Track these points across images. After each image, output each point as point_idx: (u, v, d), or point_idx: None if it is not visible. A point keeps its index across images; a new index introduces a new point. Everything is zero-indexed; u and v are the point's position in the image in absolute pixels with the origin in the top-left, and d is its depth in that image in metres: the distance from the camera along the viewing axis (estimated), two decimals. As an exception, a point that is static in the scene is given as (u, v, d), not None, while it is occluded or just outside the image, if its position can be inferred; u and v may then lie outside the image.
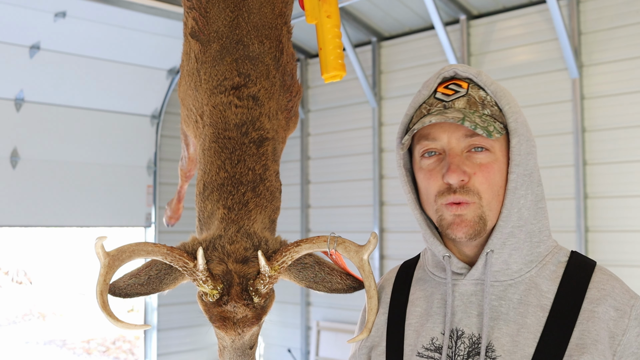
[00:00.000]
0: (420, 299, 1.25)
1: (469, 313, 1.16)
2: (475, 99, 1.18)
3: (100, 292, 1.26)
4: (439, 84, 1.23)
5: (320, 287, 1.38)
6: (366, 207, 5.34)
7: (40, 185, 5.10)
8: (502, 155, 1.17)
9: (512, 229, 1.16)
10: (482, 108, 1.17)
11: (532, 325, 1.10)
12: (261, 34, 1.74)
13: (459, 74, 1.21)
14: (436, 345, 1.17)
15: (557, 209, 4.23)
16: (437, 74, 1.23)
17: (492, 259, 1.16)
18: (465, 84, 1.20)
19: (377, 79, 5.31)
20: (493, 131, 1.13)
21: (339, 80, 2.01)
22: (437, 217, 1.19)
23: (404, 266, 1.37)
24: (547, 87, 4.35)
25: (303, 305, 5.79)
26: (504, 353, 1.09)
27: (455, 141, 1.16)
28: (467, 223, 1.15)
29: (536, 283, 1.15)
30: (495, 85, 1.20)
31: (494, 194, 1.16)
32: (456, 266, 1.20)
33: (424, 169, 1.20)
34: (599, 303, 1.10)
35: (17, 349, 9.95)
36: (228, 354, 1.41)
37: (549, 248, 1.20)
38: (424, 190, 1.22)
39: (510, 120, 1.17)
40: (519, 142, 1.16)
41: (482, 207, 1.15)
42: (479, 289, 1.17)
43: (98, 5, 4.57)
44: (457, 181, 1.13)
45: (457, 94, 1.19)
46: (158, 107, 5.80)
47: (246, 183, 1.52)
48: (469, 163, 1.15)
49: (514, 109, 1.18)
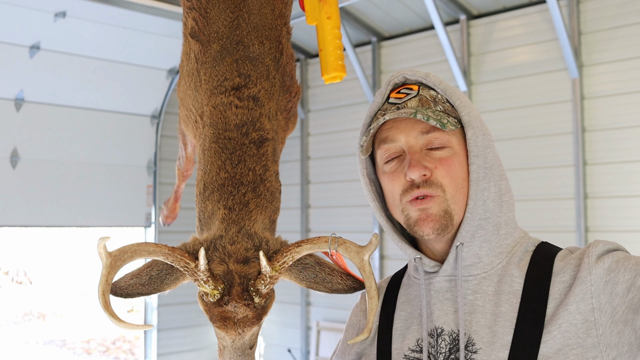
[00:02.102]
0: (405, 303, 1.27)
1: (446, 310, 1.17)
2: (427, 97, 1.21)
3: (102, 292, 1.27)
4: (390, 90, 1.26)
5: (321, 287, 1.38)
6: (366, 207, 5.34)
7: (40, 185, 5.10)
8: (460, 149, 1.19)
9: (479, 221, 1.17)
10: (434, 105, 1.21)
11: (507, 312, 1.11)
12: (261, 34, 1.74)
13: (409, 79, 1.25)
14: (421, 346, 1.18)
15: (557, 209, 4.23)
16: (387, 81, 1.27)
17: (463, 253, 1.17)
18: (415, 87, 1.23)
19: (377, 79, 5.31)
20: (447, 123, 1.16)
21: (339, 81, 2.02)
22: (403, 217, 1.20)
23: (395, 276, 1.38)
24: (547, 87, 4.35)
25: (303, 305, 5.79)
26: (484, 345, 1.10)
27: (412, 139, 1.19)
28: (432, 217, 1.16)
29: (507, 271, 1.16)
30: (444, 84, 1.23)
31: (458, 187, 1.17)
32: (428, 265, 1.21)
33: (387, 172, 1.22)
34: (564, 271, 1.11)
35: (17, 349, 9.96)
36: (228, 353, 1.41)
37: (516, 239, 1.21)
38: (389, 193, 1.23)
39: (463, 113, 1.20)
40: (475, 134, 1.18)
41: (447, 201, 1.16)
42: (453, 285, 1.18)
43: (98, 5, 4.57)
44: (419, 175, 1.15)
45: (408, 96, 1.22)
46: (158, 107, 5.81)
47: (247, 183, 1.52)
48: (429, 159, 1.17)
49: (465, 104, 1.21)
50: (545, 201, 4.29)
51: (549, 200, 4.28)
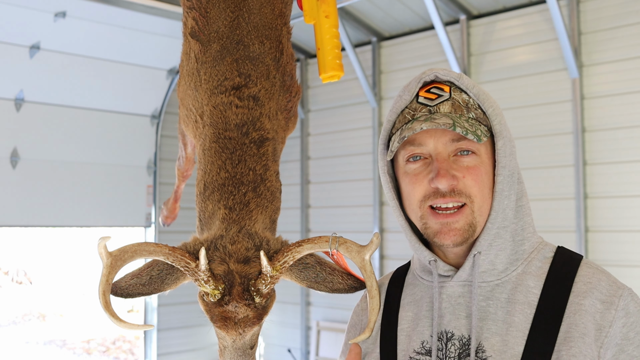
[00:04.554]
0: (411, 304, 1.25)
1: (458, 315, 1.16)
2: (459, 102, 1.17)
3: (103, 292, 1.26)
4: (420, 88, 1.21)
5: (322, 287, 1.38)
6: (366, 207, 5.35)
7: (40, 185, 5.10)
8: (487, 157, 1.17)
9: (497, 230, 1.16)
10: (467, 111, 1.17)
11: (520, 323, 1.10)
12: (261, 34, 1.74)
13: (440, 78, 1.20)
14: (427, 349, 1.17)
15: (557, 209, 4.23)
16: (417, 77, 1.21)
17: (479, 261, 1.16)
18: (447, 87, 1.19)
19: (377, 79, 5.31)
20: (481, 135, 1.14)
21: (339, 80, 2.01)
22: (421, 223, 1.18)
23: (397, 273, 1.37)
24: (547, 87, 4.35)
25: (303, 305, 5.79)
26: (494, 353, 1.09)
27: (442, 146, 1.15)
28: (455, 232, 1.14)
29: (523, 280, 1.15)
30: (477, 88, 1.19)
31: (484, 197, 1.16)
32: (442, 269, 1.20)
33: (410, 173, 1.19)
34: (585, 296, 1.10)
35: (17, 349, 9.95)
36: (229, 354, 1.41)
37: (534, 245, 1.20)
38: (407, 195, 1.20)
39: (495, 122, 1.17)
40: (504, 145, 1.16)
41: (474, 213, 1.14)
42: (467, 291, 1.17)
43: (98, 5, 4.57)
44: (447, 186, 1.13)
45: (440, 98, 1.17)
46: (158, 107, 5.80)
47: (247, 183, 1.52)
48: (457, 167, 1.14)
49: (497, 112, 1.18)
50: (545, 201, 4.28)
51: (549, 200, 4.28)
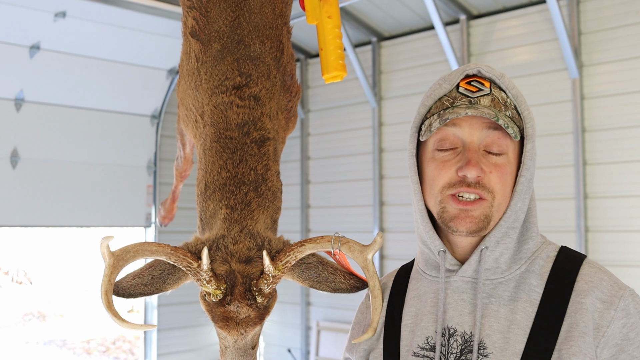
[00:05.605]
0: (414, 299, 1.26)
1: (461, 311, 1.17)
2: (499, 99, 1.19)
3: (105, 292, 1.26)
4: (461, 79, 1.22)
5: (324, 287, 1.38)
6: (366, 207, 5.34)
7: (40, 185, 5.10)
8: (513, 158, 1.19)
9: (507, 229, 1.18)
10: (505, 109, 1.19)
11: (521, 321, 1.12)
12: (262, 34, 1.74)
13: (482, 73, 1.22)
14: (431, 345, 1.18)
15: (557, 209, 4.23)
16: (460, 69, 1.23)
17: (485, 256, 1.17)
18: (487, 83, 1.20)
19: (377, 79, 5.31)
20: (516, 133, 1.16)
21: (340, 81, 2.02)
22: (439, 208, 1.19)
23: (402, 270, 1.37)
24: (547, 87, 4.35)
25: (303, 305, 5.79)
26: (496, 350, 1.10)
27: (477, 134, 1.17)
28: (472, 219, 1.15)
29: (525, 279, 1.16)
30: (516, 89, 1.21)
31: (505, 196, 1.18)
32: (450, 262, 1.21)
33: (437, 159, 1.19)
34: (586, 295, 1.11)
35: (17, 349, 9.95)
36: (230, 354, 1.41)
37: (537, 244, 1.21)
38: (430, 180, 1.21)
39: (528, 125, 1.19)
40: (532, 148, 1.19)
41: (492, 207, 1.16)
42: (470, 287, 1.18)
43: (98, 5, 4.57)
44: (475, 176, 1.14)
45: (481, 92, 1.19)
46: (158, 107, 5.80)
47: (248, 183, 1.52)
48: (485, 161, 1.16)
49: (531, 115, 1.21)
50: (545, 201, 4.28)
51: (549, 200, 4.28)
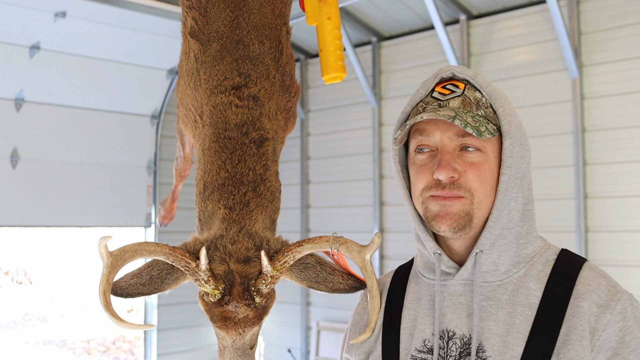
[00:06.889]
0: (413, 302, 1.26)
1: (459, 314, 1.17)
2: (470, 99, 1.20)
3: (103, 291, 1.26)
4: (436, 83, 1.25)
5: (322, 287, 1.38)
6: (366, 207, 5.34)
7: (40, 185, 5.10)
8: (493, 156, 1.19)
9: (501, 230, 1.18)
10: (476, 109, 1.19)
11: (520, 324, 1.12)
12: (261, 34, 1.74)
13: (457, 75, 1.24)
14: (428, 347, 1.18)
15: (557, 209, 4.23)
16: (435, 74, 1.25)
17: (482, 260, 1.17)
18: (462, 85, 1.22)
19: (377, 79, 5.31)
20: (484, 131, 1.15)
21: (340, 81, 2.02)
22: (423, 209, 1.21)
23: (399, 271, 1.37)
24: (547, 87, 4.35)
25: (303, 305, 5.79)
26: (494, 353, 1.11)
27: (447, 139, 1.18)
28: (451, 216, 1.16)
29: (524, 282, 1.16)
30: (491, 87, 1.21)
31: (486, 193, 1.17)
32: (446, 265, 1.21)
33: (417, 164, 1.22)
34: (584, 298, 1.11)
35: (17, 349, 9.95)
36: (229, 354, 1.41)
37: (536, 249, 1.21)
38: (413, 184, 1.24)
39: (504, 122, 1.19)
40: (512, 145, 1.17)
41: (472, 205, 1.17)
42: (468, 290, 1.18)
43: (98, 5, 4.57)
44: (446, 177, 1.15)
45: (453, 94, 1.21)
46: (158, 107, 5.80)
47: (247, 183, 1.52)
48: (460, 161, 1.17)
49: (508, 112, 1.19)
50: (545, 201, 4.28)
51: (549, 200, 4.28)
